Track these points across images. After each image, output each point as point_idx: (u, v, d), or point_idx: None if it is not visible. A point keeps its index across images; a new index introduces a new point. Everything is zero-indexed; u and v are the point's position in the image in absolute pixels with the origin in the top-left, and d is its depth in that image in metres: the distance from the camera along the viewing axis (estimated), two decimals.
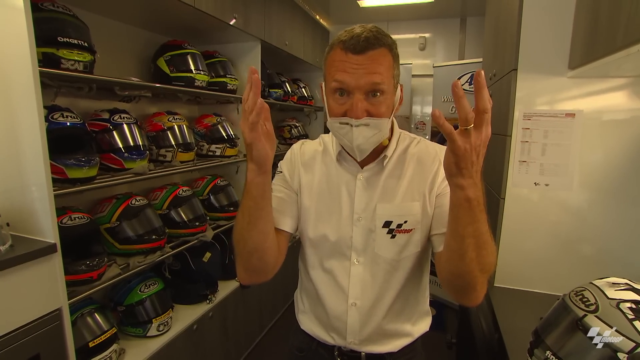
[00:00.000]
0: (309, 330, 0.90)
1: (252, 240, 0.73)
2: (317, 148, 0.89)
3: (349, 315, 0.82)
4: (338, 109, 0.72)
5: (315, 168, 0.86)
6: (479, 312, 1.26)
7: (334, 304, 0.84)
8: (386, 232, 0.79)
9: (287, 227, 0.83)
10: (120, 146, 1.44)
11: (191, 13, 1.66)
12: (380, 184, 0.81)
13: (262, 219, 0.72)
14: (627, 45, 0.80)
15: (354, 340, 0.84)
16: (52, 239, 1.06)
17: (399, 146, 0.84)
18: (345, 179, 0.83)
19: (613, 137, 1.25)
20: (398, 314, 0.84)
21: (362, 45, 0.68)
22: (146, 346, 1.50)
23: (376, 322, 0.83)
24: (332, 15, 3.33)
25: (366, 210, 0.80)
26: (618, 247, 1.28)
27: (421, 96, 3.46)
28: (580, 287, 0.81)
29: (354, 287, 0.82)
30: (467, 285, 0.67)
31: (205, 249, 1.93)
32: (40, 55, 1.10)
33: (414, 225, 0.79)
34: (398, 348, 0.85)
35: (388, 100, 0.73)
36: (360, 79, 0.69)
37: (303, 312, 0.93)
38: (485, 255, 0.63)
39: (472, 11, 3.09)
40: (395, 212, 0.79)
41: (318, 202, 0.84)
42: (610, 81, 1.23)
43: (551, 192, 1.33)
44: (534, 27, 1.29)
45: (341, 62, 0.70)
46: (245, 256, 0.75)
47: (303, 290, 0.93)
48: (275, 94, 2.61)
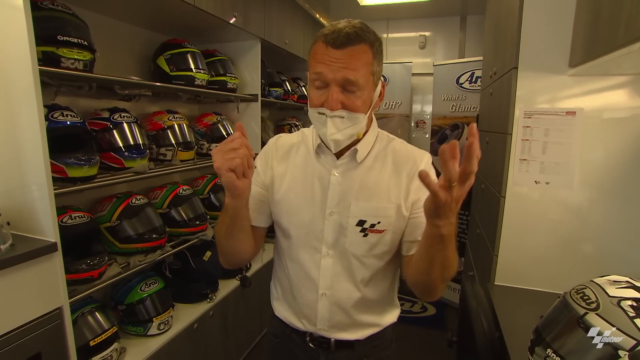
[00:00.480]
0: (282, 316, 0.93)
1: (230, 246, 0.83)
2: (294, 141, 0.91)
3: (319, 304, 0.85)
4: (317, 99, 0.75)
5: (290, 160, 0.88)
6: (480, 310, 1.26)
7: (305, 293, 0.87)
8: (359, 230, 0.81)
9: (262, 223, 0.90)
10: (120, 145, 1.44)
11: (191, 12, 1.65)
12: (356, 182, 0.82)
13: (237, 230, 0.80)
14: (628, 43, 0.80)
15: (323, 326, 0.87)
16: (53, 238, 1.06)
17: (376, 145, 0.85)
18: (320, 172, 0.84)
19: (614, 136, 1.25)
20: (367, 306, 0.87)
21: (341, 41, 0.70)
22: (147, 345, 1.50)
23: (345, 312, 0.85)
24: (332, 13, 3.32)
25: (339, 205, 0.82)
26: (619, 245, 1.28)
27: (421, 95, 3.45)
28: (581, 285, 0.81)
29: (324, 278, 0.84)
30: (429, 291, 0.77)
31: (205, 247, 1.93)
32: (40, 54, 1.10)
33: (387, 226, 0.81)
34: (365, 336, 0.89)
35: (365, 95, 0.75)
36: (336, 73, 0.71)
37: (277, 299, 0.96)
38: (448, 271, 0.71)
39: (472, 9, 3.08)
40: (370, 212, 0.80)
41: (291, 194, 0.85)
42: (611, 79, 1.23)
43: (552, 191, 1.33)
44: (534, 25, 1.29)
45: (321, 55, 0.73)
46: (225, 254, 0.87)
47: (276, 278, 0.96)
48: (275, 93, 2.61)
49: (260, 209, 0.88)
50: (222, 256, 0.87)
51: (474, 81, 2.73)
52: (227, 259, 0.87)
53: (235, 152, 0.66)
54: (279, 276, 0.95)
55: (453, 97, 2.86)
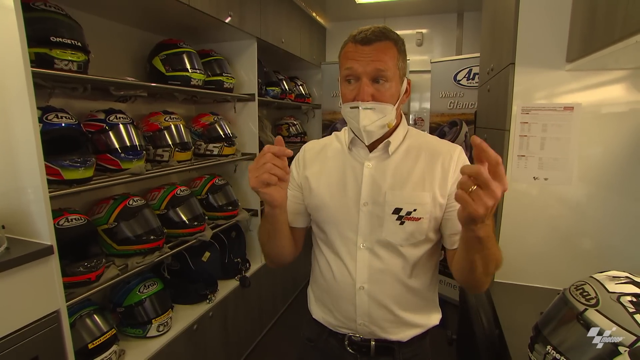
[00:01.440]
0: (320, 318, 0.93)
1: (272, 250, 0.90)
2: (327, 142, 0.96)
3: (357, 298, 0.85)
4: (349, 94, 0.81)
5: (322, 159, 0.92)
6: (479, 307, 1.26)
7: (342, 289, 0.87)
8: (395, 219, 0.82)
9: (300, 224, 0.95)
10: (116, 146, 1.43)
11: (186, 11, 1.64)
12: (389, 172, 0.84)
13: (278, 235, 0.85)
14: (625, 37, 0.80)
15: (363, 322, 0.86)
16: (49, 240, 1.05)
17: (406, 140, 0.88)
18: (353, 165, 0.88)
19: (612, 130, 1.25)
20: (407, 302, 0.86)
21: (369, 38, 0.78)
22: (146, 347, 1.50)
23: (385, 307, 0.85)
24: (328, 12, 3.31)
25: (373, 196, 0.84)
26: (618, 240, 1.28)
27: (419, 92, 3.44)
28: (580, 281, 0.81)
29: (361, 271, 0.85)
30: (476, 285, 0.78)
31: (204, 248, 1.93)
32: (32, 55, 1.09)
33: (423, 214, 0.82)
34: (407, 338, 0.87)
35: (392, 88, 0.80)
36: (367, 66, 0.78)
37: (314, 301, 0.96)
38: (491, 266, 0.72)
39: (468, 6, 3.07)
40: (405, 200, 0.82)
41: (325, 189, 0.88)
42: (608, 74, 1.22)
43: (550, 187, 1.33)
44: (531, 21, 1.28)
45: (352, 53, 0.80)
46: (268, 256, 0.93)
47: (314, 281, 0.97)
48: (273, 92, 2.60)
49: (298, 210, 0.93)
50: (266, 258, 0.95)
51: (472, 78, 2.72)
52: (271, 260, 0.94)
53: (264, 167, 0.70)
54: (316, 278, 0.96)
55: (451, 94, 2.85)
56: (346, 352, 0.89)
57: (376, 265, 0.84)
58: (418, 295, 0.87)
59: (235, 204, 2.15)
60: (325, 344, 0.93)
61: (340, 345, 0.90)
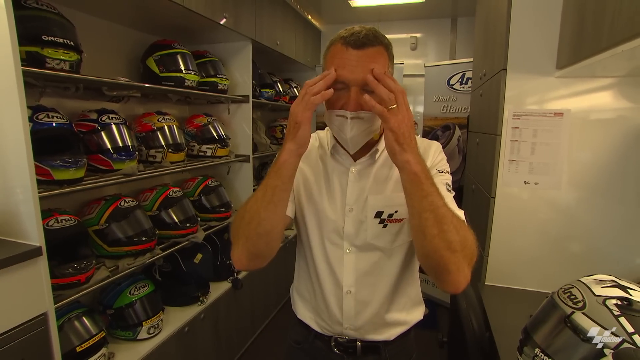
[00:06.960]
0: (306, 320, 0.92)
1: (268, 222, 0.73)
2: (313, 143, 0.92)
3: (344, 303, 0.85)
4: (335, 101, 0.76)
5: (311, 161, 0.90)
6: (470, 310, 1.27)
7: (329, 293, 0.86)
8: (378, 222, 0.82)
9: (289, 212, 0.83)
10: (108, 147, 1.42)
11: (181, 12, 1.64)
12: (371, 175, 0.84)
13: (283, 201, 0.75)
14: (612, 46, 0.81)
15: (350, 325, 0.86)
16: (37, 241, 1.04)
17: None
18: (338, 171, 0.86)
19: (600, 136, 1.27)
20: (393, 302, 0.86)
21: (361, 41, 0.73)
22: (136, 349, 1.48)
23: (372, 310, 0.85)
24: (323, 15, 3.33)
25: (358, 201, 0.83)
26: (605, 244, 1.30)
27: (413, 96, 3.47)
28: (568, 284, 0.82)
29: (347, 276, 0.84)
30: (437, 266, 0.67)
31: (196, 250, 1.92)
32: (23, 54, 1.08)
33: (405, 215, 0.81)
34: (393, 337, 0.87)
35: None
36: (358, 74, 0.72)
37: (300, 303, 0.95)
38: (448, 232, 0.65)
39: (462, 11, 3.11)
40: (386, 203, 0.81)
41: (312, 194, 0.87)
42: (597, 81, 1.25)
43: (540, 191, 1.35)
44: (522, 28, 1.30)
45: (341, 56, 0.74)
46: (253, 238, 0.74)
47: (299, 283, 0.95)
48: (267, 94, 2.60)
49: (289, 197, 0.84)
50: (247, 243, 0.74)
51: (465, 82, 2.75)
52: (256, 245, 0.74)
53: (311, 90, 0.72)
54: (302, 280, 0.94)
55: (444, 98, 2.88)
56: (333, 353, 0.89)
57: (362, 268, 0.84)
58: (405, 295, 0.88)
59: (228, 205, 2.14)
60: (312, 345, 0.92)
61: (326, 346, 0.90)
